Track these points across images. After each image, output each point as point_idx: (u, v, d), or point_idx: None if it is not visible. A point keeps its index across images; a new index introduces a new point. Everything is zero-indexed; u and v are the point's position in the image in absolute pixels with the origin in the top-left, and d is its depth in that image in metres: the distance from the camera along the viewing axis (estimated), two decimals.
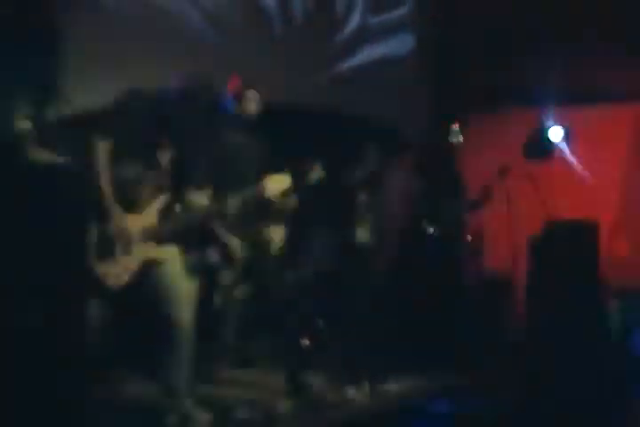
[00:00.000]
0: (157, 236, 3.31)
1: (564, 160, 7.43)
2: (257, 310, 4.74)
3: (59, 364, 2.35)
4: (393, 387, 4.39)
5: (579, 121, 7.43)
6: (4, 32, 4.10)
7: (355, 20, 6.97)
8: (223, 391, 4.19)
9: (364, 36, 7.03)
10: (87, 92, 4.30)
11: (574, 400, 4.13)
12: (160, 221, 3.34)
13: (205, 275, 4.11)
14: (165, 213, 3.36)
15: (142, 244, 3.28)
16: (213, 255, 4.07)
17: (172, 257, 3.37)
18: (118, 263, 3.21)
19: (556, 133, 7.36)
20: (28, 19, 4.21)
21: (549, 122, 7.36)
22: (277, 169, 4.15)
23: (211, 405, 3.73)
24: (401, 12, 7.47)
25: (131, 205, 3.25)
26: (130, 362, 4.39)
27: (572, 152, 7.46)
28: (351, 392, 4.13)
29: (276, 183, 3.74)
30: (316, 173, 4.28)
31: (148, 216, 3.31)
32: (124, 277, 3.24)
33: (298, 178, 4.18)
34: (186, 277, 3.40)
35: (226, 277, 4.07)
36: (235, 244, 4.07)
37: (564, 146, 7.43)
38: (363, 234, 4.96)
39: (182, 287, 3.37)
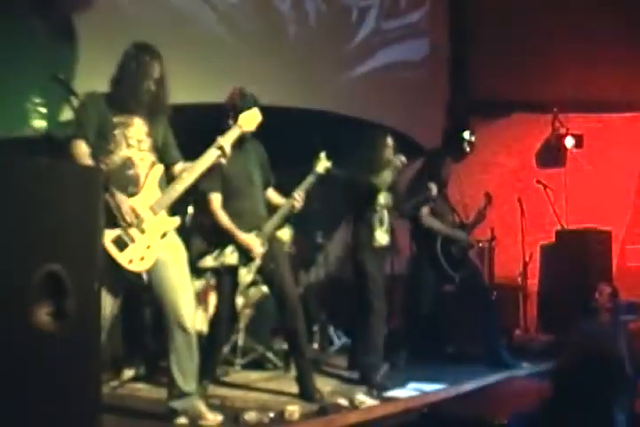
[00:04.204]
0: (163, 206, 3.34)
1: (577, 168, 7.40)
2: (269, 312, 4.73)
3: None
4: (402, 392, 4.36)
5: (592, 129, 7.42)
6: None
7: (369, 25, 6.97)
8: (233, 394, 4.17)
9: (378, 40, 7.04)
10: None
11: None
12: (162, 192, 3.37)
13: (223, 274, 4.11)
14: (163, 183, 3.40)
15: (153, 218, 3.31)
16: (232, 254, 4.05)
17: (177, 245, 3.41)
18: (138, 246, 3.24)
19: (569, 141, 7.34)
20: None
21: (563, 130, 7.34)
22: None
23: (221, 407, 3.71)
24: (415, 17, 7.48)
25: (127, 188, 3.27)
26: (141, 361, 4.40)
27: (586, 160, 7.43)
28: (361, 397, 4.10)
29: None
30: (323, 163, 4.24)
31: (150, 192, 3.34)
32: (150, 260, 3.27)
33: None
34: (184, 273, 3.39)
35: (242, 276, 4.04)
36: (253, 242, 4.04)
37: (577, 154, 7.40)
38: (382, 236, 4.76)
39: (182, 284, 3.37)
